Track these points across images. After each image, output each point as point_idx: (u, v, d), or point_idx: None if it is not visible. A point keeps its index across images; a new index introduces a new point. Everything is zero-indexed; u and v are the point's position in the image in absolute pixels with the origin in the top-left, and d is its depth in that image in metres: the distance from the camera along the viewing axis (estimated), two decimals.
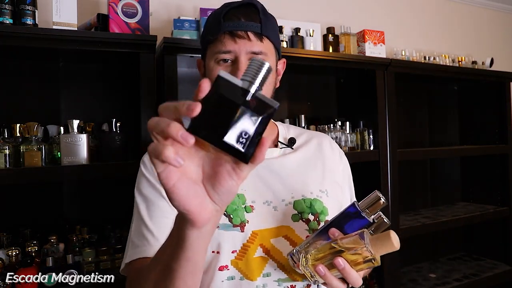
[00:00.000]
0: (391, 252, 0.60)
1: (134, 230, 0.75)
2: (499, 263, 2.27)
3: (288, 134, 0.92)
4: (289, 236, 0.77)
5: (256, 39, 0.77)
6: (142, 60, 1.26)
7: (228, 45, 0.76)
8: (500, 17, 2.85)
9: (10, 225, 1.29)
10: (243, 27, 0.76)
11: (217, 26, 0.77)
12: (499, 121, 2.29)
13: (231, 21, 0.76)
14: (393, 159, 1.80)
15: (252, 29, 0.76)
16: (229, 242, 0.73)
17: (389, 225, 0.66)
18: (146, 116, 1.26)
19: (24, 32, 1.13)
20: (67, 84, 1.43)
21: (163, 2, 1.64)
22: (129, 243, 0.75)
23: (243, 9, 0.77)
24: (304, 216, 0.79)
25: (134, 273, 0.69)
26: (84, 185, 1.44)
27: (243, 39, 0.76)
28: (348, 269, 0.61)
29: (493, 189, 2.33)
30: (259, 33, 0.77)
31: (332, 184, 0.87)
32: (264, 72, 0.39)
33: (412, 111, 2.33)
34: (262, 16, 0.78)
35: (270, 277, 0.74)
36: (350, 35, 1.82)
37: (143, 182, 0.79)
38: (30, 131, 1.20)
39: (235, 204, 0.76)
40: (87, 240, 1.31)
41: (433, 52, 2.25)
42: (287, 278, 0.74)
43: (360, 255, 0.60)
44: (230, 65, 0.77)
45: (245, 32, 0.76)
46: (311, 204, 0.80)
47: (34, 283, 1.12)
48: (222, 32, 0.76)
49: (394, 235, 0.60)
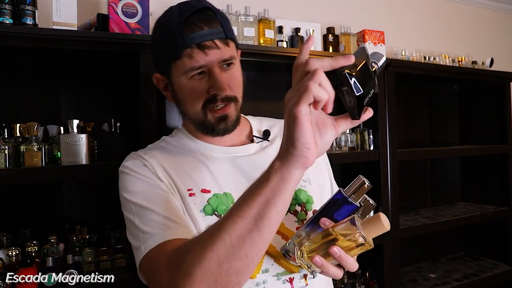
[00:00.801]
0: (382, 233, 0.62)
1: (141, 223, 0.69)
2: (499, 263, 2.27)
3: (261, 126, 0.91)
4: (280, 230, 0.76)
5: (223, 45, 0.74)
6: (142, 60, 1.25)
7: (199, 59, 0.72)
8: (500, 17, 2.85)
9: (10, 225, 1.29)
10: (209, 36, 0.72)
11: (179, 39, 0.71)
12: (499, 121, 2.30)
13: (194, 32, 0.71)
14: (393, 159, 1.80)
15: (218, 36, 0.73)
16: None
17: (375, 206, 0.68)
18: (145, 116, 1.26)
19: (24, 32, 1.13)
20: (67, 84, 1.43)
21: (163, 2, 1.64)
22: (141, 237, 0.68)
23: (200, 16, 0.73)
24: (291, 208, 0.79)
25: (171, 253, 0.61)
26: (84, 185, 1.44)
27: (212, 49, 0.73)
28: (344, 256, 0.61)
29: (493, 189, 2.33)
30: (225, 37, 0.75)
31: (312, 170, 0.85)
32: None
33: (412, 111, 2.33)
34: (220, 18, 0.75)
35: (269, 272, 0.74)
36: (350, 35, 1.82)
37: (132, 181, 0.75)
38: (30, 131, 1.20)
39: (224, 205, 0.76)
40: (87, 240, 1.30)
41: (433, 52, 2.25)
42: (285, 271, 0.75)
43: (353, 240, 0.61)
44: (205, 77, 0.75)
45: (212, 42, 0.73)
46: (296, 195, 0.80)
47: (34, 283, 1.12)
48: (189, 46, 0.71)
49: (383, 217, 0.61)
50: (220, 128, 0.78)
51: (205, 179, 0.78)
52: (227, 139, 0.84)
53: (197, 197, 0.75)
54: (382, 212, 0.63)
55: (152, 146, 0.87)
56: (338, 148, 1.72)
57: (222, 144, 0.84)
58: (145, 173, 0.75)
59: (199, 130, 0.82)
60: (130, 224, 0.72)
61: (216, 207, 0.75)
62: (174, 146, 0.85)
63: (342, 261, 0.62)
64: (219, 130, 0.79)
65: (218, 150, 0.83)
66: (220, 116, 0.77)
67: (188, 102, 0.78)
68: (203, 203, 0.75)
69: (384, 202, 1.77)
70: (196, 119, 0.79)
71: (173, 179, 0.76)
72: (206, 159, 0.81)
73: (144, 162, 0.77)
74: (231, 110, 0.78)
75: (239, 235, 0.53)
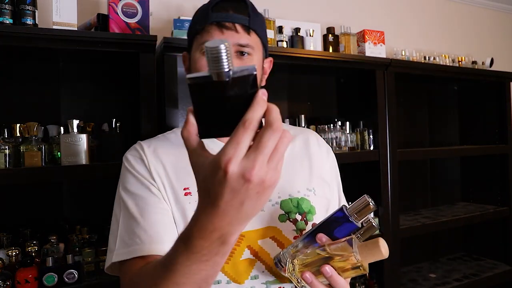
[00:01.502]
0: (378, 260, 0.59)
1: (123, 228, 0.72)
2: (499, 263, 2.27)
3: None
4: (276, 237, 0.75)
5: (243, 31, 0.76)
6: (142, 60, 1.26)
7: (214, 35, 0.75)
8: (500, 17, 2.85)
9: (10, 225, 1.29)
10: (231, 18, 0.75)
11: (205, 17, 0.76)
12: (499, 121, 2.30)
13: (219, 13, 0.75)
14: (393, 159, 1.80)
15: (240, 21, 0.76)
16: None
17: (377, 229, 0.66)
18: (146, 116, 1.26)
19: (24, 32, 1.13)
20: (67, 84, 1.43)
21: (163, 2, 1.65)
22: (117, 242, 0.71)
23: (232, 3, 0.77)
24: (291, 216, 0.77)
25: (134, 275, 0.65)
26: (84, 185, 1.44)
27: (230, 30, 0.75)
28: (335, 276, 0.60)
29: (493, 189, 2.33)
30: (247, 26, 0.76)
31: (319, 182, 0.85)
32: (223, 52, 0.35)
33: (412, 111, 2.33)
34: (251, 12, 0.77)
35: (258, 279, 0.72)
36: (350, 35, 1.82)
37: (129, 178, 0.76)
38: (30, 131, 1.20)
39: None
40: (87, 240, 1.31)
41: (433, 52, 2.25)
42: (275, 280, 0.73)
43: (348, 262, 0.59)
44: None
45: (232, 24, 0.75)
46: (298, 204, 0.78)
47: (34, 283, 1.12)
48: (209, 22, 0.75)
49: (383, 243, 0.59)
50: None
51: None
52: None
53: (193, 196, 0.74)
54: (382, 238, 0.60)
55: (161, 136, 0.87)
56: (338, 148, 1.72)
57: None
58: (140, 170, 0.76)
59: None
60: (115, 219, 0.76)
61: None
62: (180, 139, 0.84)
63: (332, 282, 0.60)
64: None
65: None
66: None
67: None
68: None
69: (384, 202, 1.77)
70: None
71: (169, 177, 0.76)
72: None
73: (142, 155, 0.78)
74: None
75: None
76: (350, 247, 0.59)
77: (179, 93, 1.36)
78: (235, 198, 0.38)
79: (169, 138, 0.85)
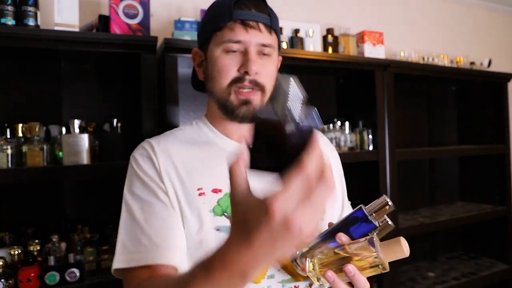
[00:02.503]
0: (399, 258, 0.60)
1: (127, 233, 0.70)
2: (497, 262, 2.28)
3: None
4: None
5: (266, 31, 0.75)
6: (143, 61, 1.26)
7: (239, 34, 0.73)
8: (498, 18, 2.86)
9: (12, 224, 1.30)
10: (255, 17, 0.74)
11: (226, 13, 0.74)
12: (497, 121, 2.31)
13: (242, 10, 0.74)
14: (392, 159, 1.81)
15: (263, 20, 0.75)
16: None
17: (393, 228, 0.66)
18: (146, 116, 1.27)
19: (26, 33, 1.14)
20: (69, 84, 1.44)
21: (164, 3, 1.65)
22: (122, 247, 0.70)
23: (253, 1, 0.76)
24: None
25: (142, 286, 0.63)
26: (85, 184, 1.45)
27: (254, 29, 0.74)
28: (358, 275, 0.60)
29: (491, 189, 2.34)
30: (269, 25, 0.76)
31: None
32: (299, 103, 0.40)
33: (411, 112, 2.34)
34: (269, 11, 0.78)
35: (274, 278, 0.72)
36: (349, 36, 1.83)
37: (135, 181, 0.74)
38: (32, 131, 1.21)
39: None
40: (89, 239, 1.31)
41: (431, 53, 2.27)
42: (290, 278, 0.74)
43: (367, 261, 0.60)
44: (239, 56, 0.75)
45: (256, 23, 0.74)
46: None
47: (36, 282, 1.13)
48: (233, 20, 0.73)
49: (404, 242, 0.60)
50: (240, 111, 0.76)
51: (218, 177, 0.75)
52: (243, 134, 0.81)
53: (206, 196, 0.73)
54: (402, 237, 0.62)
55: (169, 133, 0.84)
56: (338, 148, 1.73)
57: (238, 139, 0.81)
58: (148, 171, 0.74)
59: (220, 111, 0.79)
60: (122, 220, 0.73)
61: (226, 207, 0.73)
62: (191, 137, 0.82)
63: (355, 281, 0.61)
64: (239, 114, 0.76)
65: (235, 146, 0.80)
66: (244, 99, 0.75)
67: (217, 76, 0.76)
68: (213, 203, 0.73)
69: None
70: (220, 97, 0.77)
71: (181, 177, 0.74)
72: (223, 153, 0.78)
73: (151, 155, 0.75)
74: (256, 97, 0.76)
75: None
76: (372, 247, 0.59)
77: (179, 93, 1.37)
78: (270, 239, 0.37)
79: (177, 135, 0.82)
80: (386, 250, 0.60)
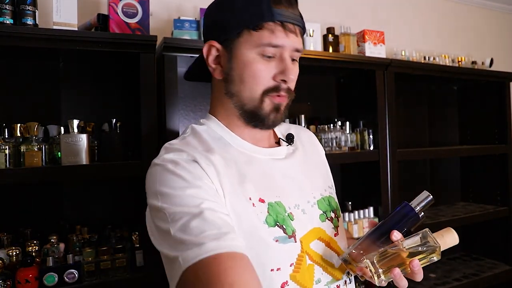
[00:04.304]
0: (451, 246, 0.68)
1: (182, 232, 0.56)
2: (499, 263, 2.27)
3: (281, 129, 0.86)
4: (322, 237, 0.74)
5: (300, 35, 0.70)
6: (142, 60, 1.26)
7: (280, 38, 0.66)
8: (500, 17, 2.85)
9: (10, 225, 1.30)
10: (294, 20, 0.68)
11: (265, 10, 0.65)
12: (499, 121, 2.30)
13: (281, 9, 0.66)
14: (393, 159, 1.80)
15: (300, 23, 0.69)
16: (288, 256, 0.67)
17: (424, 218, 0.71)
18: (146, 116, 1.26)
19: (25, 32, 1.13)
20: (68, 84, 1.43)
21: (163, 2, 1.65)
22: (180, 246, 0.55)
23: None
24: (328, 215, 0.77)
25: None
26: (84, 185, 1.44)
27: (292, 33, 0.68)
28: (420, 269, 0.65)
29: (493, 189, 2.33)
30: (304, 29, 0.71)
31: (330, 177, 0.88)
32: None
33: (412, 111, 2.33)
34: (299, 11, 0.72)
35: (321, 282, 0.71)
36: (350, 35, 1.82)
37: (175, 182, 0.61)
38: (30, 131, 1.20)
39: (281, 214, 0.68)
40: (88, 240, 1.31)
41: (433, 52, 2.26)
42: (332, 279, 0.73)
43: (423, 253, 0.65)
44: (275, 62, 0.69)
45: (294, 26, 0.68)
46: (329, 202, 0.79)
47: (35, 283, 1.12)
48: (274, 20, 0.65)
49: (454, 231, 0.67)
50: (270, 119, 0.71)
51: (257, 185, 0.69)
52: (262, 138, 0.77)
53: (257, 207, 0.66)
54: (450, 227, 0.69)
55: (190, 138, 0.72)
56: (338, 148, 1.72)
57: (257, 144, 0.75)
58: (196, 171, 0.63)
59: (244, 117, 0.72)
60: (164, 234, 0.59)
61: (276, 217, 0.67)
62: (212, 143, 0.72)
63: (417, 273, 0.65)
64: (269, 122, 0.71)
65: (261, 151, 0.75)
66: (276, 104, 0.70)
67: (249, 82, 0.68)
68: (264, 214, 0.66)
69: (383, 202, 1.77)
70: (248, 103, 0.70)
71: (232, 183, 0.66)
72: (254, 160, 0.73)
73: (196, 157, 0.64)
74: (286, 103, 0.73)
75: None
76: (429, 239, 0.65)
77: (179, 93, 1.36)
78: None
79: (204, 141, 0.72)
80: (440, 240, 0.66)
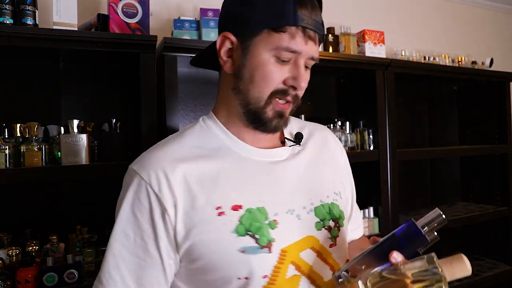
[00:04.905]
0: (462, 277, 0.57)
1: (109, 275, 0.68)
2: (499, 263, 2.27)
3: (292, 128, 0.81)
4: (315, 247, 0.70)
5: (318, 43, 0.68)
6: (142, 60, 1.26)
7: (299, 44, 0.65)
8: (500, 17, 2.85)
9: (10, 225, 1.30)
10: (316, 27, 0.66)
11: (291, 12, 0.63)
12: (499, 121, 2.30)
13: (305, 14, 0.64)
14: (393, 159, 1.80)
15: (320, 31, 0.67)
16: (259, 267, 0.64)
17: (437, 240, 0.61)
18: (146, 116, 1.26)
19: (25, 32, 1.13)
20: (67, 84, 1.43)
21: (163, 2, 1.65)
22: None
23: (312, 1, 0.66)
24: (325, 224, 0.72)
25: None
26: (84, 185, 1.44)
27: (312, 41, 0.66)
28: None
29: (493, 189, 2.33)
30: (322, 38, 0.69)
31: (342, 184, 0.82)
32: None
33: (412, 111, 2.33)
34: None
35: None
36: (350, 35, 1.82)
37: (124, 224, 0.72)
38: (30, 131, 1.20)
39: (259, 222, 0.65)
40: (88, 240, 1.31)
41: (433, 52, 2.26)
42: None
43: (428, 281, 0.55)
44: (288, 66, 0.67)
45: (315, 34, 0.66)
46: (330, 210, 0.74)
47: (35, 283, 1.12)
48: (297, 25, 0.64)
49: (466, 259, 0.56)
50: (272, 124, 0.70)
51: (239, 190, 0.67)
52: (263, 138, 0.74)
53: (227, 216, 0.65)
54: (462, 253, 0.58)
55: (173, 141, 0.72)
56: None
57: (256, 144, 0.73)
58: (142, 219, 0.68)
59: (247, 117, 0.70)
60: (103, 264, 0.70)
61: (249, 226, 0.65)
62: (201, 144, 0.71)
63: None
64: (271, 127, 0.70)
65: (257, 153, 0.72)
66: (279, 111, 0.69)
67: (259, 82, 0.67)
68: (234, 223, 0.65)
69: (384, 202, 1.77)
70: (254, 103, 0.69)
71: (194, 196, 0.65)
72: (244, 162, 0.71)
73: (150, 195, 0.65)
74: (290, 110, 0.72)
75: None
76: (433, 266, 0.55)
77: (179, 92, 1.36)
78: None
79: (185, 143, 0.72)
80: (447, 268, 0.55)
